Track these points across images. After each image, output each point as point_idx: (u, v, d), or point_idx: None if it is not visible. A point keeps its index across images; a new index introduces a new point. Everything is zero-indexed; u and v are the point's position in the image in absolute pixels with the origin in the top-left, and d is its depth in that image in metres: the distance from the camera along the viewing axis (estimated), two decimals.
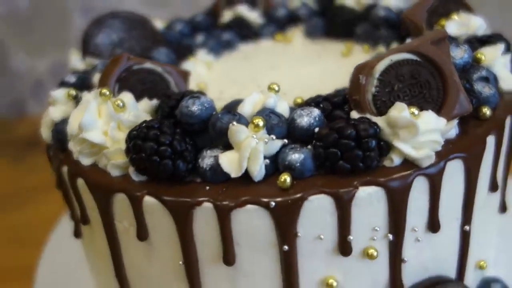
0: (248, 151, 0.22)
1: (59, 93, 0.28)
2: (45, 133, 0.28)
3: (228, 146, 0.23)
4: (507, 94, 0.28)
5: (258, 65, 0.38)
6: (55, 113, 0.28)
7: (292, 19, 0.44)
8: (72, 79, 0.30)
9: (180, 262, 0.24)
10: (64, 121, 0.27)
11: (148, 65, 0.28)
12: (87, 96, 0.26)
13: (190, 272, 0.24)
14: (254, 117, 0.22)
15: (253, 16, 0.44)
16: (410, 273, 0.25)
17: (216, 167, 0.22)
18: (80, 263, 0.35)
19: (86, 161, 0.26)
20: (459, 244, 0.26)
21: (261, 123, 0.22)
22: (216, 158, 0.22)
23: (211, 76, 0.37)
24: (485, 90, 0.26)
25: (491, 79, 0.27)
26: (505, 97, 0.27)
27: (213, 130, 0.23)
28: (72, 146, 0.26)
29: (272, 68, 0.37)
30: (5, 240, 0.50)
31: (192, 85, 0.32)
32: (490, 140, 0.25)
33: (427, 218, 0.24)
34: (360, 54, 0.37)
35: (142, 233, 0.24)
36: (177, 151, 0.23)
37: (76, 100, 0.28)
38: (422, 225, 0.24)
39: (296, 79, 0.34)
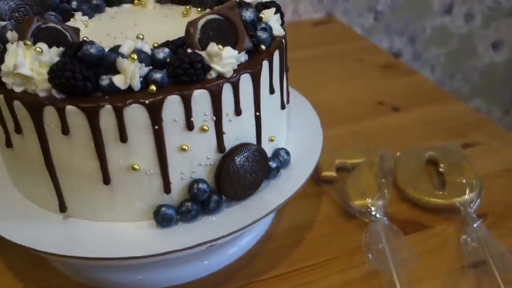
0: (130, 72, 0.38)
1: None
2: None
3: (115, 73, 0.39)
4: (277, 37, 0.47)
5: (123, 23, 0.52)
6: None
7: None
8: None
9: (92, 145, 0.40)
10: None
11: (51, 24, 0.42)
12: (12, 46, 0.39)
13: (99, 151, 0.40)
14: (130, 53, 0.38)
15: None
16: (228, 141, 0.43)
17: (111, 84, 0.38)
18: None
19: (18, 89, 0.39)
20: (255, 123, 0.45)
21: (135, 56, 0.38)
22: (110, 79, 0.38)
23: (89, 31, 0.50)
24: (263, 35, 0.45)
25: (267, 28, 0.46)
26: (276, 39, 0.47)
27: (106, 63, 0.38)
28: (6, 80, 0.39)
29: (135, 24, 0.52)
30: None
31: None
32: (265, 63, 0.44)
33: (233, 107, 0.43)
34: (195, 14, 0.53)
35: (66, 130, 0.39)
36: (85, 76, 0.38)
37: (0, 50, 0.41)
38: (232, 111, 0.43)
39: (153, 31, 0.49)
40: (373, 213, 0.55)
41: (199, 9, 0.54)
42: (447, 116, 0.78)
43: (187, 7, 0.54)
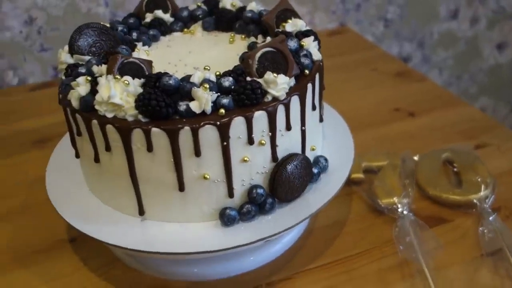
0: (204, 100, 0.46)
1: (81, 79, 0.48)
2: (75, 103, 0.48)
3: (190, 99, 0.47)
4: (316, 62, 0.55)
5: (179, 51, 0.59)
6: (81, 91, 0.48)
7: (192, 18, 0.66)
8: (83, 70, 0.50)
9: (171, 160, 0.48)
10: (88, 95, 0.48)
11: (131, 59, 0.50)
12: (102, 79, 0.47)
13: (177, 164, 0.48)
14: (203, 83, 0.46)
15: (166, 17, 0.65)
16: (280, 152, 0.51)
17: (188, 109, 0.46)
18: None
19: (109, 115, 0.47)
20: (300, 136, 0.53)
21: (207, 86, 0.46)
22: (187, 105, 0.46)
23: (153, 60, 0.58)
24: (305, 61, 0.53)
25: (308, 55, 0.54)
26: (315, 63, 0.55)
27: (183, 91, 0.46)
28: (99, 107, 0.47)
29: (189, 52, 0.60)
30: None
31: None
32: (309, 85, 0.52)
33: (285, 124, 0.50)
34: (240, 41, 0.60)
35: (150, 148, 0.47)
36: (167, 103, 0.46)
37: (91, 82, 0.48)
38: (283, 127, 0.50)
39: (207, 58, 0.57)
40: (400, 210, 0.63)
41: (243, 36, 0.61)
42: (459, 120, 0.85)
43: (232, 34, 0.62)
